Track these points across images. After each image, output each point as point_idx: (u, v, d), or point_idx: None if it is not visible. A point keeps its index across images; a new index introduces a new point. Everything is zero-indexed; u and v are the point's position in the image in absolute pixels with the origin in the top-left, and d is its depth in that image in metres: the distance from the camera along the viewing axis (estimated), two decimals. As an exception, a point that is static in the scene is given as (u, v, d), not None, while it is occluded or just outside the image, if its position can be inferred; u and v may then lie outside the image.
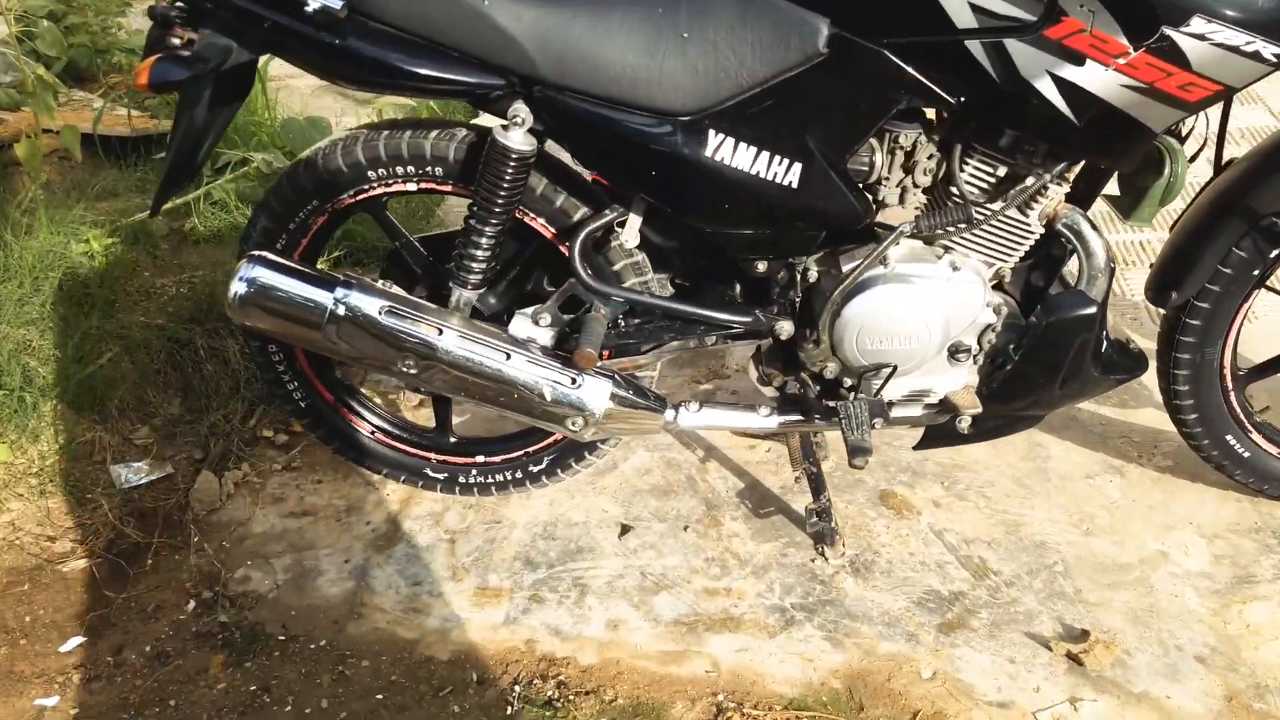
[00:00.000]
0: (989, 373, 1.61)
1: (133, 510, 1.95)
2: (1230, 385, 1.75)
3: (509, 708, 1.58)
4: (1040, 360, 1.52)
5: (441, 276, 1.70)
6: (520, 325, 1.59)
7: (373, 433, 1.91)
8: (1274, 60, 1.24)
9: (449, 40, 1.35)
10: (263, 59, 2.13)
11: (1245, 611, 1.70)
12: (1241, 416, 1.78)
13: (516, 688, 1.61)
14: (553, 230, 1.61)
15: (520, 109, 1.40)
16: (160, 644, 1.71)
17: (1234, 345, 1.72)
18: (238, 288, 1.47)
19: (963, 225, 1.45)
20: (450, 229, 1.85)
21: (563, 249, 1.62)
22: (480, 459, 1.91)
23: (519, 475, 1.90)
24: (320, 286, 1.49)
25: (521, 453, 1.89)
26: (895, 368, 1.54)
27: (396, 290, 1.55)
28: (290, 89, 3.61)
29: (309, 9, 1.30)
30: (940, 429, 1.66)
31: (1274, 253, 1.58)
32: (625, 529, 1.92)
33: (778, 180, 1.41)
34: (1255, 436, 1.80)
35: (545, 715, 1.56)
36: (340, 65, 1.37)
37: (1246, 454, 1.80)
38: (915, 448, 1.73)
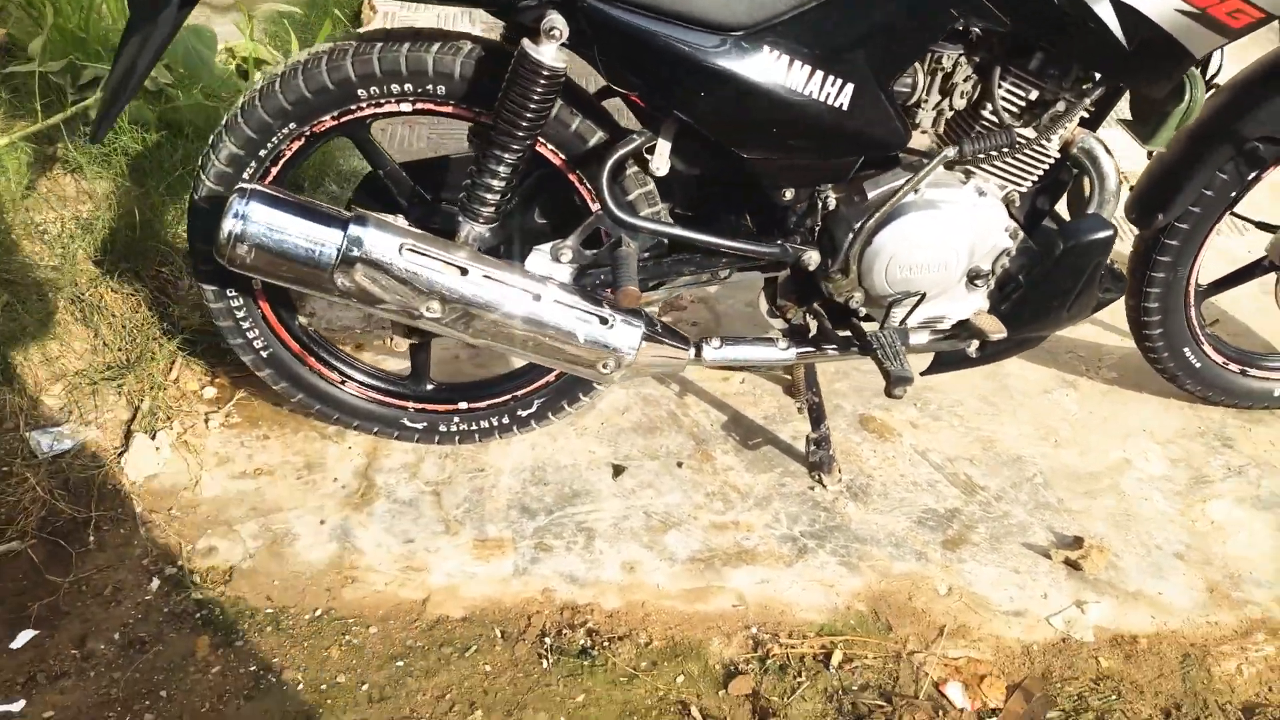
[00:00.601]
0: (998, 297, 1.63)
1: (61, 482, 1.71)
2: (1192, 301, 1.86)
3: (544, 661, 1.51)
4: (1058, 283, 1.56)
5: (428, 208, 1.55)
6: (538, 262, 1.47)
7: (343, 382, 1.75)
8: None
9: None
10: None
11: (1207, 509, 1.84)
12: (1197, 330, 1.90)
13: (546, 640, 1.54)
14: (563, 157, 1.49)
15: (556, 19, 1.27)
16: (130, 630, 1.52)
17: (1199, 264, 1.82)
18: (232, 226, 1.28)
19: (1005, 150, 1.44)
20: (430, 155, 1.68)
21: (572, 178, 1.50)
22: (463, 405, 1.78)
23: (506, 421, 1.79)
24: (329, 224, 1.32)
25: (509, 397, 1.78)
26: (924, 295, 1.53)
27: (408, 225, 1.39)
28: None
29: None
30: (950, 355, 1.68)
31: (1251, 175, 1.67)
32: (618, 469, 1.85)
33: (829, 101, 1.35)
34: (1206, 348, 1.93)
35: (583, 665, 1.50)
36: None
37: (1199, 365, 1.93)
38: (923, 373, 1.75)
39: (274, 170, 1.48)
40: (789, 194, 1.51)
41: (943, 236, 1.50)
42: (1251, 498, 1.86)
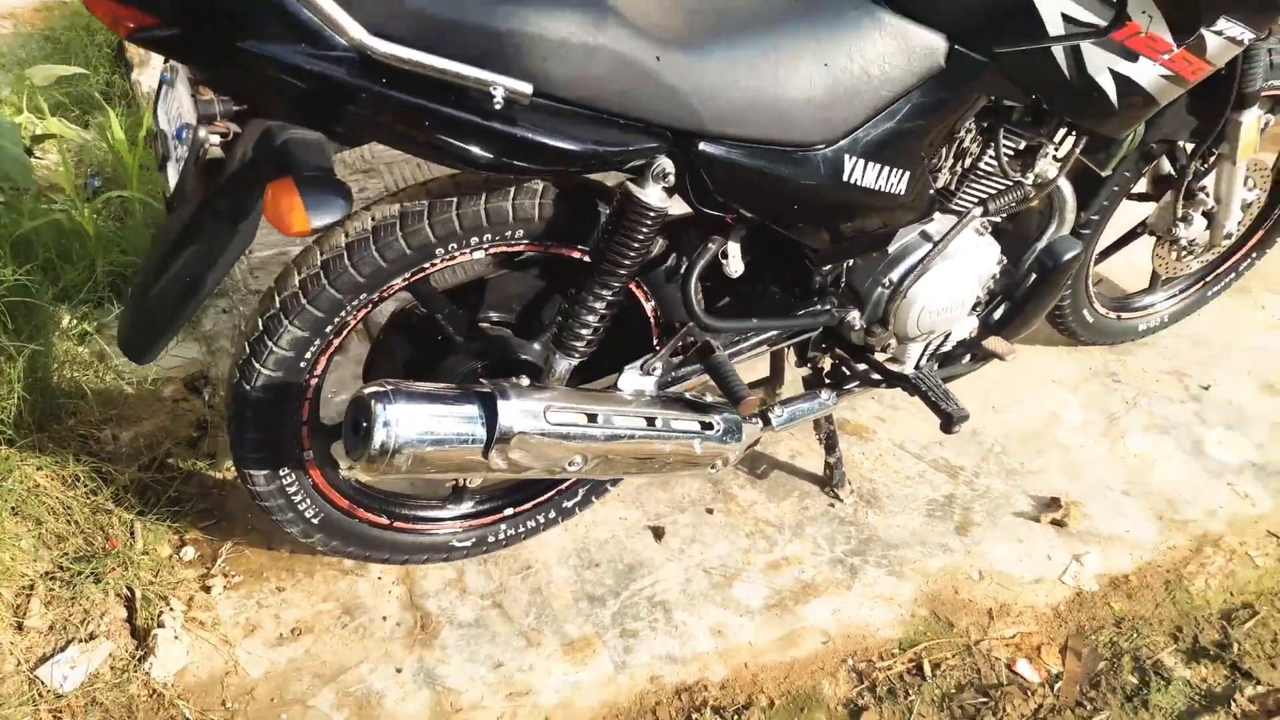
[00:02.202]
0: (986, 315, 1.83)
1: (99, 715, 1.49)
2: (1091, 271, 2.18)
3: (692, 753, 1.57)
4: (1045, 295, 1.78)
5: (478, 335, 1.48)
6: (630, 379, 1.46)
7: (391, 524, 1.64)
8: (1245, 42, 1.53)
9: (616, 106, 1.15)
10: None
11: (1127, 444, 2.20)
12: (1091, 292, 2.23)
13: (684, 731, 1.60)
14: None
15: (666, 164, 1.25)
16: None
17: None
18: (384, 436, 1.16)
19: (1019, 202, 1.61)
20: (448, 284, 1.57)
21: (638, 293, 1.50)
22: (509, 511, 1.75)
23: (553, 515, 1.78)
24: (471, 403, 1.23)
25: (554, 491, 1.76)
26: (950, 333, 1.69)
27: (532, 384, 1.33)
28: None
29: (495, 98, 1.01)
30: (953, 372, 1.87)
31: (1145, 168, 1.98)
32: (658, 531, 1.90)
33: (891, 190, 1.44)
34: (1097, 305, 2.27)
35: (727, 746, 1.58)
36: (505, 155, 1.10)
37: (1093, 320, 2.28)
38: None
39: (336, 342, 1.34)
40: (828, 266, 1.60)
41: (962, 279, 1.66)
42: (1153, 425, 2.25)
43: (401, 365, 1.54)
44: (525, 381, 1.36)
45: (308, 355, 1.32)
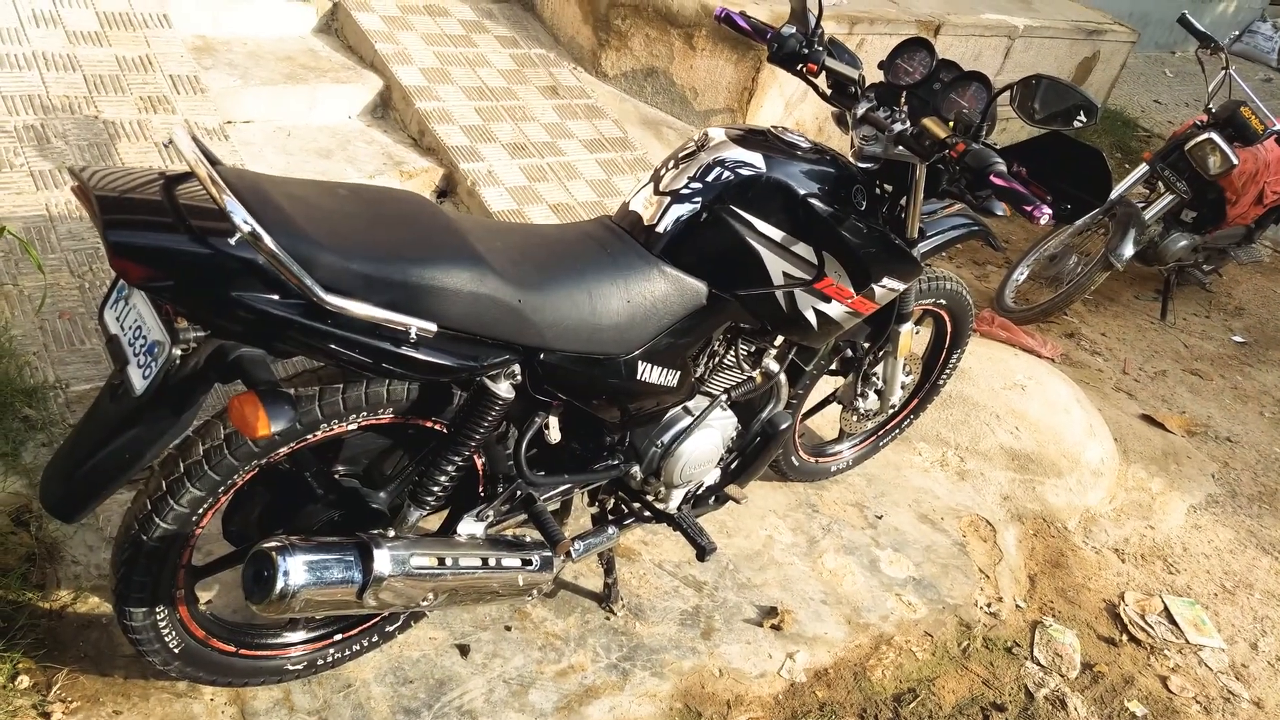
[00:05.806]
0: (725, 466, 2.38)
1: None
2: (795, 425, 2.82)
3: (503, 837, 1.89)
4: (765, 454, 2.34)
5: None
6: (467, 525, 1.82)
7: (236, 651, 1.86)
8: (900, 290, 2.20)
9: (489, 333, 1.55)
10: None
11: (824, 562, 2.82)
12: (796, 441, 2.88)
13: (495, 819, 1.91)
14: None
15: (516, 369, 1.66)
16: None
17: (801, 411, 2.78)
18: (283, 584, 1.44)
19: (751, 390, 2.17)
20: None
21: (477, 458, 1.87)
22: (338, 636, 2.01)
23: (375, 639, 2.06)
24: (355, 553, 1.54)
25: (379, 617, 2.04)
26: (702, 482, 2.21)
27: (401, 536, 1.65)
28: None
29: (411, 336, 1.38)
30: (703, 510, 2.38)
31: (835, 358, 2.65)
32: (464, 649, 2.22)
33: (667, 383, 1.93)
34: (801, 452, 2.92)
35: (531, 828, 1.92)
36: (409, 369, 1.46)
37: (798, 463, 2.92)
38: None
39: (223, 499, 1.60)
40: (618, 434, 2.06)
41: (711, 442, 2.19)
42: (842, 547, 2.90)
43: (261, 512, 1.79)
44: (391, 533, 1.68)
45: (200, 510, 1.57)
